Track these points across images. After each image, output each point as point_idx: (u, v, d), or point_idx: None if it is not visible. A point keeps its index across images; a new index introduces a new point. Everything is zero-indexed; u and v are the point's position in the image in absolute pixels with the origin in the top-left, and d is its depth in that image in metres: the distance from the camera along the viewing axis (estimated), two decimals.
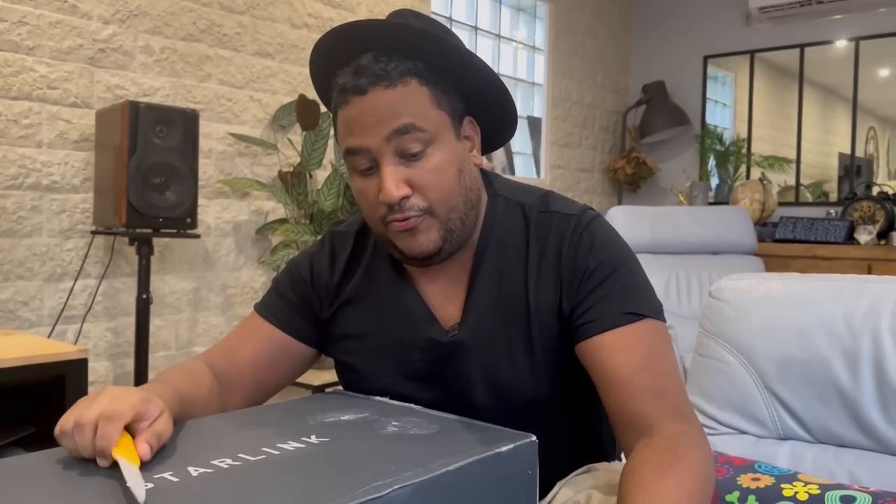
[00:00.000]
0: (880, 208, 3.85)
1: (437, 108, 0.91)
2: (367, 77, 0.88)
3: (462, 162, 0.93)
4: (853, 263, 3.58)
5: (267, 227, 2.82)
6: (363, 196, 0.93)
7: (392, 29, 0.90)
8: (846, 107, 4.27)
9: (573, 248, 0.94)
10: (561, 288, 0.94)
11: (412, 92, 0.88)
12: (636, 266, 0.96)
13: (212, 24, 2.68)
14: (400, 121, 0.87)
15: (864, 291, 1.31)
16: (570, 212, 0.97)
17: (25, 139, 2.23)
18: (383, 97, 0.87)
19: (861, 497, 1.08)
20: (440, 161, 0.90)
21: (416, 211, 0.89)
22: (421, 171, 0.89)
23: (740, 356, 1.38)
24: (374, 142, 0.88)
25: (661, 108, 4.62)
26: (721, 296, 1.45)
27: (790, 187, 4.45)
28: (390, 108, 0.87)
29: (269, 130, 2.87)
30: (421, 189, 0.89)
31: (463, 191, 0.93)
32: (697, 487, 0.82)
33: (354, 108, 0.89)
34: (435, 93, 0.91)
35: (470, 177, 0.95)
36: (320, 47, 0.95)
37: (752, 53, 4.53)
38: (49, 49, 2.27)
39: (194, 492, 0.60)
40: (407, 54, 0.89)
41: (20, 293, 2.23)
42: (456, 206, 0.92)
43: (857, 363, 1.26)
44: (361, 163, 0.91)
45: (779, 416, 1.35)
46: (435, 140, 0.90)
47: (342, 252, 1.05)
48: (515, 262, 0.97)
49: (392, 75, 0.87)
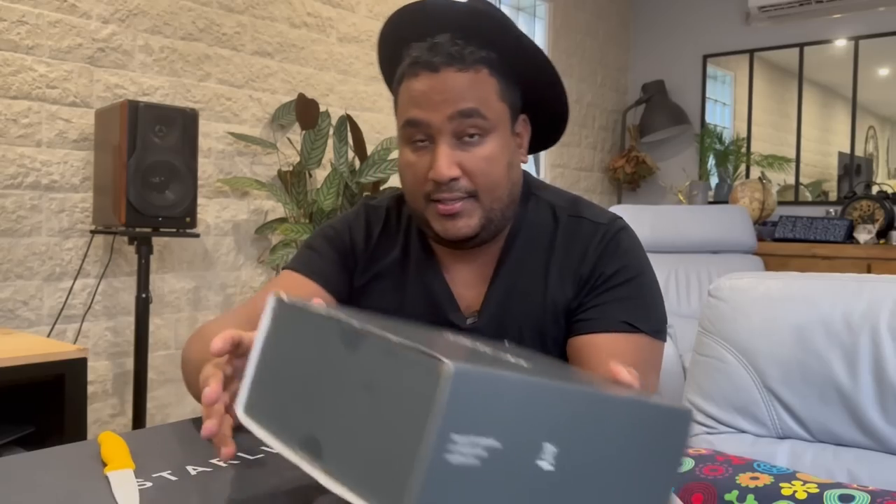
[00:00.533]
0: (880, 207, 3.85)
1: (501, 101, 0.92)
2: (442, 56, 0.89)
3: (512, 156, 0.95)
4: (852, 262, 3.58)
5: (266, 227, 2.82)
6: (411, 169, 0.93)
7: (474, 15, 0.91)
8: (846, 106, 4.27)
9: (597, 253, 0.95)
10: (578, 290, 0.95)
11: (482, 80, 0.90)
12: (650, 281, 0.97)
13: (211, 24, 2.68)
14: (466, 104, 0.89)
15: (863, 290, 1.31)
16: (600, 220, 0.98)
17: (25, 138, 2.23)
18: (454, 78, 0.89)
19: (860, 496, 1.08)
20: (493, 150, 0.91)
21: (461, 193, 0.91)
22: (474, 157, 0.90)
23: (739, 355, 1.39)
24: (436, 118, 0.89)
25: (660, 107, 4.62)
26: (720, 295, 1.45)
27: (790, 186, 4.45)
28: (459, 90, 0.89)
29: (269, 130, 2.88)
30: (471, 174, 0.91)
31: (509, 184, 0.94)
32: None
33: (423, 82, 0.90)
34: (502, 85, 0.92)
35: (516, 172, 0.97)
36: (399, 17, 0.95)
37: (751, 52, 4.53)
38: (48, 48, 2.27)
39: (192, 490, 0.60)
40: (483, 42, 0.91)
41: (20, 292, 2.23)
42: (500, 196, 0.93)
43: (856, 362, 1.26)
44: (417, 135, 0.92)
45: (778, 415, 1.35)
46: (493, 130, 0.91)
47: (376, 225, 1.05)
48: (539, 260, 0.98)
49: (466, 60, 0.89)
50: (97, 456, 0.69)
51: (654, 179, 4.80)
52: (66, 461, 0.69)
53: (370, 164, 2.82)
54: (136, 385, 2.23)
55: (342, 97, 3.13)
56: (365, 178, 2.81)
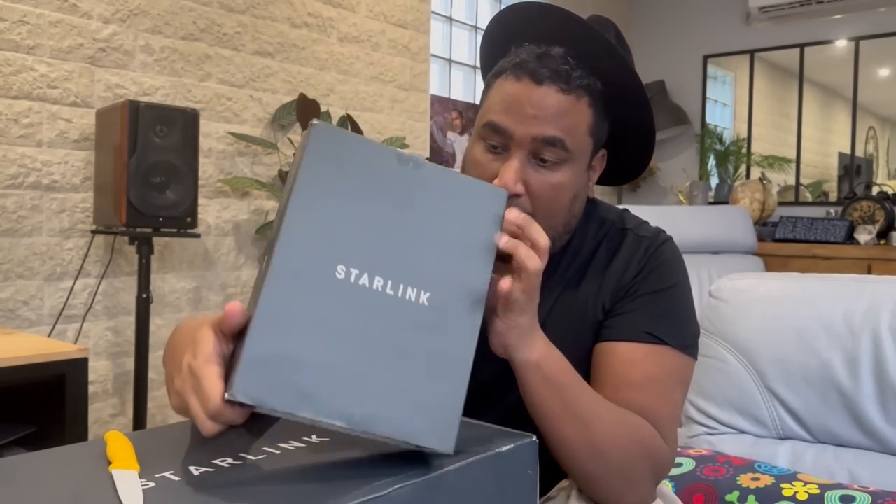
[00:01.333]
0: (880, 208, 3.85)
1: (590, 135, 0.90)
2: (550, 70, 0.86)
3: (580, 189, 0.93)
4: (853, 263, 3.59)
5: (267, 227, 2.82)
6: (477, 168, 0.91)
7: (595, 39, 0.89)
8: (846, 106, 4.27)
9: (638, 266, 0.94)
10: (613, 301, 0.94)
11: (579, 109, 0.88)
12: (684, 295, 0.95)
13: (212, 24, 2.68)
14: (553, 132, 0.86)
15: (864, 291, 1.31)
16: (645, 234, 0.97)
17: (25, 138, 2.23)
18: (554, 98, 0.86)
19: (860, 497, 1.08)
20: (564, 181, 0.89)
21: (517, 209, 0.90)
22: (542, 181, 0.88)
23: (740, 356, 1.39)
24: (520, 132, 0.87)
25: (661, 107, 4.63)
26: (721, 295, 1.45)
27: (790, 187, 4.45)
28: (552, 113, 0.86)
29: (269, 130, 2.88)
30: (534, 196, 0.88)
31: (568, 216, 0.93)
32: (640, 448, 0.82)
33: (521, 90, 0.87)
34: (595, 119, 0.90)
35: (579, 205, 0.95)
36: (526, 8, 0.93)
37: (751, 53, 4.53)
38: (49, 48, 2.27)
39: (195, 490, 0.60)
40: (594, 69, 0.89)
41: (20, 292, 2.23)
42: (556, 226, 0.91)
43: (857, 363, 1.27)
44: (495, 139, 0.89)
45: (778, 416, 1.35)
46: (571, 161, 0.89)
47: None
48: (583, 272, 0.97)
49: (572, 84, 0.87)
50: (102, 455, 0.69)
51: (654, 180, 4.80)
52: (67, 461, 0.69)
53: None
54: (137, 385, 2.23)
55: (343, 97, 3.13)
56: None
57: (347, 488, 0.61)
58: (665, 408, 0.87)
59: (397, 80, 3.38)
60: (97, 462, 0.68)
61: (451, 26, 3.89)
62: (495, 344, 0.78)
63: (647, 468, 0.83)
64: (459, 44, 3.96)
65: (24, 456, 0.71)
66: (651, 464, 0.84)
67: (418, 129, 3.49)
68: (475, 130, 0.94)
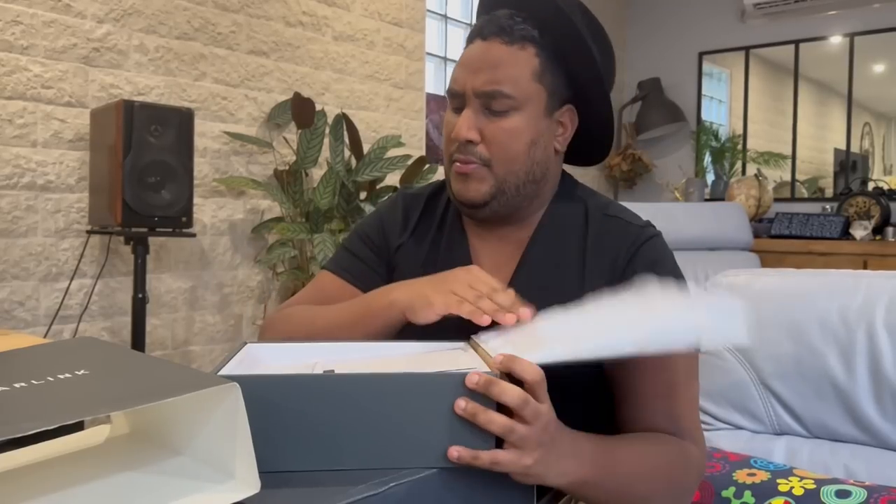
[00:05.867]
0: (876, 203, 3.86)
1: (537, 82, 0.95)
2: (494, 27, 0.94)
3: (539, 136, 0.96)
4: (849, 259, 3.59)
5: (263, 226, 2.82)
6: (446, 129, 0.99)
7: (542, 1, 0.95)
8: (841, 102, 4.27)
9: (628, 257, 0.95)
10: (605, 282, 0.94)
11: (523, 57, 0.94)
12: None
13: (206, 23, 2.67)
14: (493, 86, 0.93)
15: (859, 286, 1.31)
16: (634, 222, 0.99)
17: (20, 139, 2.22)
18: (496, 50, 0.94)
19: (856, 491, 1.08)
20: (517, 125, 0.94)
21: (476, 158, 0.95)
22: (496, 127, 0.94)
23: (736, 352, 1.39)
24: (467, 87, 0.95)
25: (656, 104, 4.62)
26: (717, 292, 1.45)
27: (786, 183, 4.46)
28: (494, 63, 0.93)
29: (265, 129, 2.87)
30: (488, 141, 0.94)
31: (528, 161, 0.96)
32: (677, 472, 0.85)
33: (471, 49, 0.96)
34: (543, 67, 0.95)
35: (542, 153, 0.97)
36: None
37: (747, 49, 4.53)
38: (43, 48, 2.26)
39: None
40: (536, 22, 0.95)
41: (16, 293, 2.22)
42: (516, 171, 0.95)
43: (853, 358, 1.27)
44: (455, 102, 0.98)
45: (774, 412, 1.35)
46: (521, 107, 0.94)
47: (415, 210, 1.07)
48: (567, 253, 0.98)
49: (514, 35, 0.94)
50: None
51: (650, 177, 4.80)
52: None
53: (367, 163, 2.82)
54: None
55: (338, 96, 3.13)
56: (361, 176, 2.81)
57: (344, 484, 0.61)
58: (689, 411, 0.91)
59: (393, 79, 3.37)
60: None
61: (446, 24, 3.89)
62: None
63: (684, 492, 0.87)
64: (455, 42, 3.95)
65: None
66: (687, 485, 0.87)
67: (414, 128, 3.49)
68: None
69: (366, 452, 0.67)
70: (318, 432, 0.66)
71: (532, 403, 0.67)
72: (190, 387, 0.59)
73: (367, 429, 0.66)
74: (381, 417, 0.66)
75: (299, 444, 0.66)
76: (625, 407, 0.91)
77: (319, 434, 0.66)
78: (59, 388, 0.61)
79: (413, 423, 0.66)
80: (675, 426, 0.89)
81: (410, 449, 0.67)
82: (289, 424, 0.66)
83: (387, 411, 0.67)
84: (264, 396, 0.66)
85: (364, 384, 0.67)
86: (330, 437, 0.66)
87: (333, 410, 0.66)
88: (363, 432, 0.66)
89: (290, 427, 0.66)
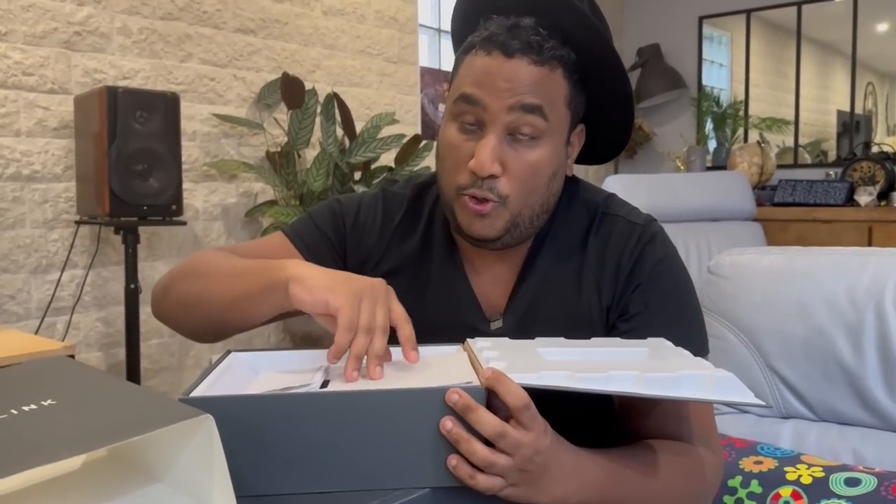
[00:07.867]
0: (880, 168, 3.79)
1: (566, 107, 0.87)
2: (521, 42, 0.82)
3: (558, 167, 0.89)
4: (853, 226, 3.54)
5: (256, 210, 2.77)
6: (452, 151, 0.87)
7: (567, 7, 0.84)
8: (844, 63, 4.19)
9: (633, 259, 0.90)
10: (612, 296, 0.90)
11: (554, 80, 0.84)
12: (690, 291, 0.92)
13: (191, 2, 2.59)
14: (531, 99, 0.82)
15: (867, 265, 1.27)
16: (636, 220, 0.93)
17: (3, 128, 2.17)
18: (526, 70, 0.82)
19: (866, 479, 1.05)
20: (542, 157, 0.85)
21: (494, 196, 0.84)
22: (519, 159, 0.84)
23: (741, 333, 1.35)
24: (496, 105, 0.83)
25: (656, 71, 4.54)
26: (720, 272, 1.41)
27: (788, 148, 4.39)
28: (527, 83, 0.82)
29: (255, 110, 2.81)
30: (511, 175, 0.84)
31: (546, 194, 0.89)
32: (691, 484, 0.81)
33: (492, 64, 0.83)
34: (572, 91, 0.87)
35: (557, 184, 0.91)
36: None
37: (748, 12, 4.43)
38: (22, 34, 2.20)
39: None
40: (567, 40, 0.85)
41: (6, 287, 2.19)
42: (532, 205, 0.87)
43: (861, 338, 1.23)
44: (469, 116, 0.85)
45: (781, 395, 1.31)
46: (548, 135, 0.85)
47: (394, 215, 0.98)
48: (571, 261, 0.92)
49: (545, 54, 0.83)
50: None
51: (650, 146, 4.73)
52: None
53: (360, 144, 2.76)
54: (130, 375, 2.20)
55: (329, 73, 3.06)
56: (355, 157, 2.75)
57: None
58: (701, 413, 0.86)
59: (385, 53, 3.30)
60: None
61: (438, 8, 3.79)
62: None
63: (699, 503, 0.84)
64: (448, 12, 3.86)
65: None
66: (703, 495, 0.83)
67: (409, 103, 3.42)
68: (447, 110, 0.89)
69: (353, 473, 0.64)
70: (302, 453, 0.64)
71: (510, 435, 0.63)
72: (160, 421, 0.56)
73: (352, 448, 0.64)
74: (367, 436, 0.64)
75: (283, 466, 0.64)
76: (632, 412, 0.87)
77: (304, 455, 0.64)
78: (23, 423, 0.58)
79: (400, 441, 0.64)
80: (687, 431, 0.84)
81: (399, 468, 0.64)
82: (271, 446, 0.63)
83: (372, 429, 0.64)
84: (245, 417, 0.63)
85: (347, 402, 0.64)
86: (315, 457, 0.64)
87: (316, 430, 0.63)
88: (349, 452, 0.64)
89: (272, 448, 0.64)
